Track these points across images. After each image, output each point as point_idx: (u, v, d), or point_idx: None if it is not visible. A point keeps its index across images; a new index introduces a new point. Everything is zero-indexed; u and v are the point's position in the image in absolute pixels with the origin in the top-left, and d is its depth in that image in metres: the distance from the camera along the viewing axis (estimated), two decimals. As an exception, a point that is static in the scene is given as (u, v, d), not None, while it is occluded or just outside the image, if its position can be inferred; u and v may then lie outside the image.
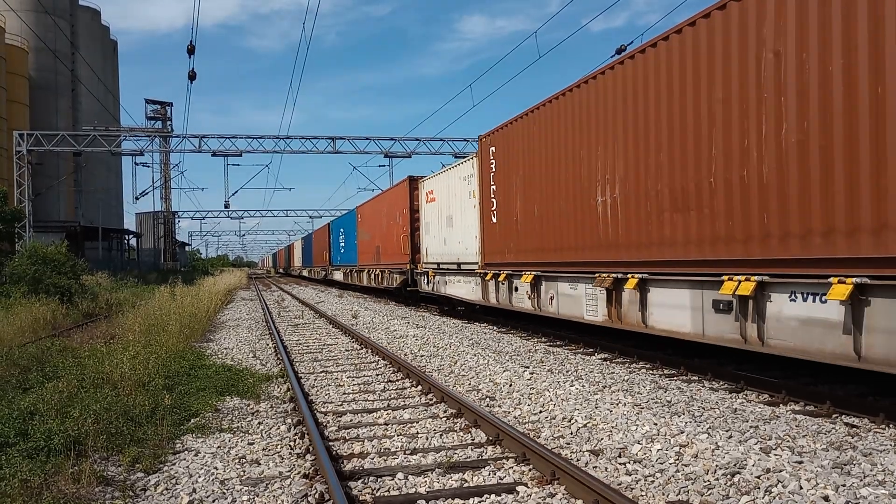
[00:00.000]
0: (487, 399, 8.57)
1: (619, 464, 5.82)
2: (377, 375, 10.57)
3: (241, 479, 5.77)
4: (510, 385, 9.12)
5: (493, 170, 15.26)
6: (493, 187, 15.26)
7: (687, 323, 8.96)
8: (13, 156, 40.05)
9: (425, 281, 21.02)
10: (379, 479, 5.65)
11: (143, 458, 6.22)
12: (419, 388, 9.37)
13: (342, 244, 37.96)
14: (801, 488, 4.99)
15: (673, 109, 9.15)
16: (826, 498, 4.81)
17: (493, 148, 15.27)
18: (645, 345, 11.74)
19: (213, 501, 5.30)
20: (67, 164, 55.23)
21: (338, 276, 40.28)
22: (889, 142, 6.24)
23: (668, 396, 8.23)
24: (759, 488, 5.06)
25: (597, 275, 10.91)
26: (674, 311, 9.22)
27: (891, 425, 6.75)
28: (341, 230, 38.51)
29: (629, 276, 10.09)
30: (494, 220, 15.28)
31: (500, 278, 14.88)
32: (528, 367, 10.05)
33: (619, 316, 10.50)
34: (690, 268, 8.88)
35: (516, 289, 14.26)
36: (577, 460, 5.96)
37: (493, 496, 5.19)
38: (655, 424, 6.69)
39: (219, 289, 31.05)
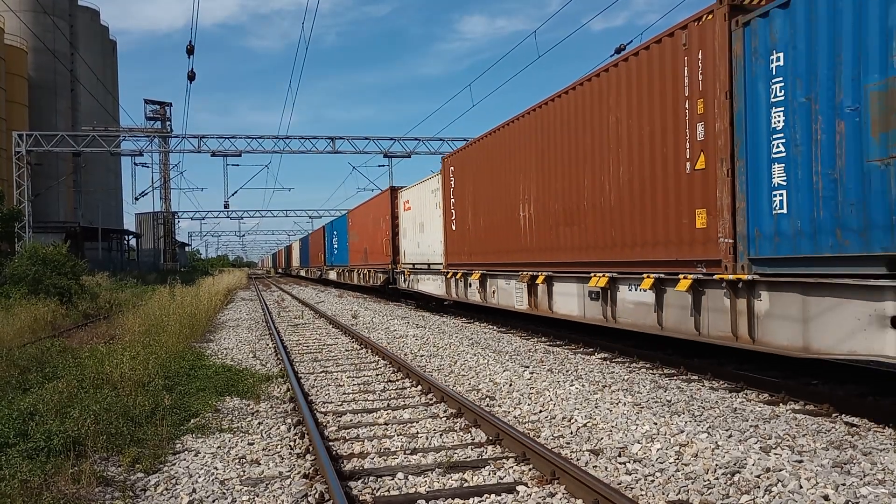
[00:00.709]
0: (487, 399, 8.57)
1: (619, 463, 5.83)
2: (377, 375, 10.57)
3: (241, 480, 5.77)
4: (510, 385, 9.12)
5: (453, 186, 18.13)
6: (453, 200, 18.14)
7: (576, 308, 11.81)
8: (12, 156, 40.05)
9: (402, 279, 23.96)
10: (379, 479, 5.65)
11: (143, 458, 6.22)
12: (419, 387, 9.37)
13: (335, 246, 40.31)
14: (801, 487, 4.99)
15: (564, 148, 11.96)
16: (826, 497, 4.81)
17: (452, 167, 18.19)
18: (645, 344, 11.75)
19: (214, 501, 5.30)
20: (67, 164, 55.23)
21: (332, 275, 42.90)
22: (670, 185, 9.10)
23: (668, 396, 8.23)
24: (759, 487, 5.07)
25: (520, 273, 13.72)
26: (568, 299, 12.08)
27: (890, 425, 6.75)
28: (335, 233, 40.61)
29: (540, 273, 12.92)
30: (454, 227, 18.08)
31: (458, 276, 17.78)
32: (527, 367, 10.06)
33: (535, 304, 13.38)
34: (576, 268, 11.70)
35: (470, 285, 17.11)
36: (577, 460, 5.96)
37: (493, 496, 5.19)
38: (655, 424, 6.69)
39: (218, 289, 31.03)
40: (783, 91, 7.19)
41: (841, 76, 6.54)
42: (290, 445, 6.78)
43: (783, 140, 7.18)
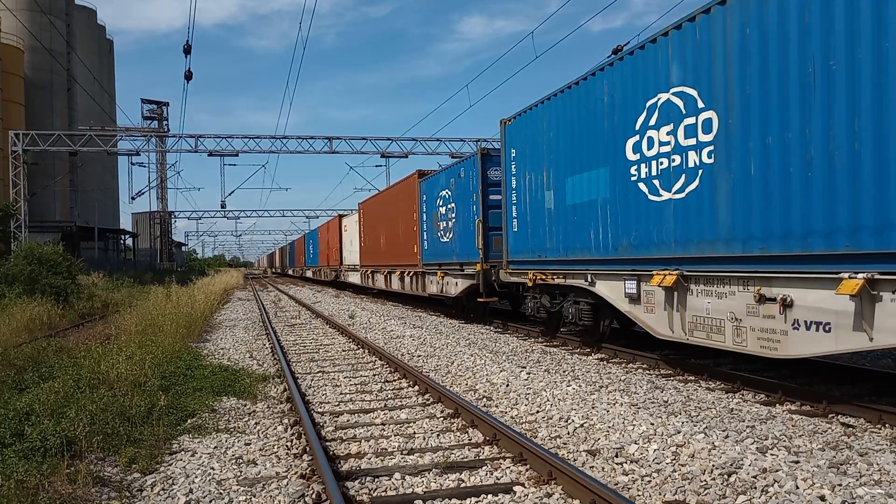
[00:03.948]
0: (484, 399, 8.57)
1: (616, 464, 5.83)
2: (374, 375, 10.56)
3: (238, 480, 5.76)
4: (507, 385, 9.12)
5: (363, 220, 30.89)
6: (363, 229, 30.85)
7: (396, 286, 24.51)
8: (9, 156, 39.94)
9: (341, 275, 38.11)
10: (376, 480, 5.65)
11: (140, 458, 6.21)
12: (416, 388, 9.36)
13: (311, 251, 54.02)
14: (798, 488, 5.00)
15: (391, 212, 24.97)
16: (822, 498, 4.82)
17: (362, 210, 31.11)
18: (641, 345, 11.76)
19: (210, 502, 5.29)
20: (63, 164, 55.05)
21: (309, 273, 57.45)
22: (412, 235, 22.22)
23: (665, 396, 8.24)
24: (755, 488, 5.08)
25: (381, 270, 26.90)
26: (394, 281, 24.83)
27: (886, 425, 6.77)
28: (310, 241, 54.38)
29: (387, 271, 25.95)
30: (363, 244, 30.91)
31: (364, 272, 31.10)
32: (524, 367, 10.06)
33: (387, 286, 26.32)
34: (395, 267, 24.32)
35: (369, 277, 30.06)
36: (574, 460, 5.97)
37: (489, 496, 5.19)
38: (652, 424, 6.69)
39: (215, 289, 31.00)
40: (425, 209, 20.60)
41: (431, 211, 20.04)
42: (286, 446, 6.77)
43: (426, 224, 20.60)
